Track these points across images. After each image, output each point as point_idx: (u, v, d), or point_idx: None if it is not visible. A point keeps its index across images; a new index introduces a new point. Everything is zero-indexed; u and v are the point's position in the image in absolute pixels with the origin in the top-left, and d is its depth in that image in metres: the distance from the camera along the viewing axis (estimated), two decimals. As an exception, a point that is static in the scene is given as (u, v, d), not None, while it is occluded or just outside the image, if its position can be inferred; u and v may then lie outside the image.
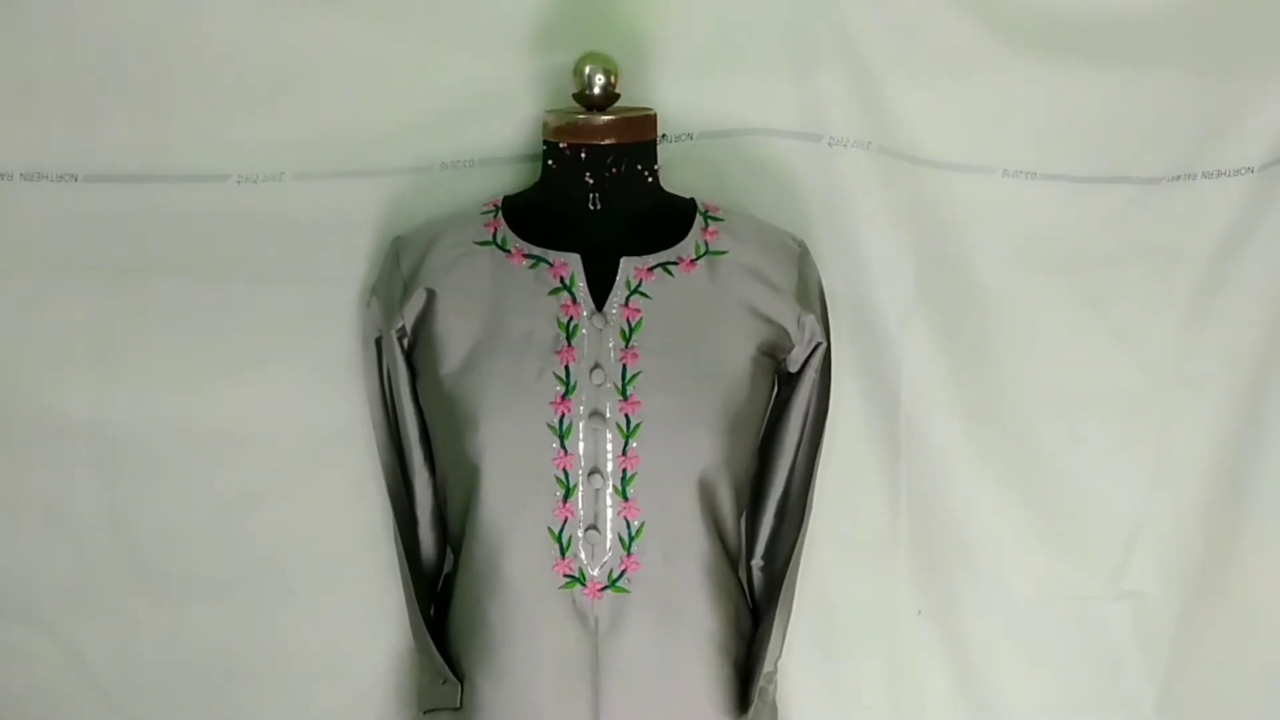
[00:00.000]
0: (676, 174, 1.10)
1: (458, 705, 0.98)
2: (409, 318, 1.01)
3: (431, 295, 1.00)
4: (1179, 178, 1.19)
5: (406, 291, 1.01)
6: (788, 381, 1.08)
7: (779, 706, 1.12)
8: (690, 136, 1.15)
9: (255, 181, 1.08)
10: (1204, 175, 1.19)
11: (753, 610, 1.08)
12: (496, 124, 1.11)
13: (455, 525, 1.02)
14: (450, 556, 1.08)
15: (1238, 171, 1.19)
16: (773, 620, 1.04)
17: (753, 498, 1.10)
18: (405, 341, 1.02)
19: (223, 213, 1.08)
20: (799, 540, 1.07)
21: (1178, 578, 1.25)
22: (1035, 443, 1.22)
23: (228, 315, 1.11)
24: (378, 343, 1.06)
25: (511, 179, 1.12)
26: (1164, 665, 1.26)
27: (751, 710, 1.00)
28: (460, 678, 0.99)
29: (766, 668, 1.03)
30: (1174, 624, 1.26)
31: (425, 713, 1.05)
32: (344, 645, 1.19)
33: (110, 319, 1.09)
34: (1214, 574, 1.25)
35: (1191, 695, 1.28)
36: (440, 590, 1.10)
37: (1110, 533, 1.24)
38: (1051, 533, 1.24)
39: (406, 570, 1.05)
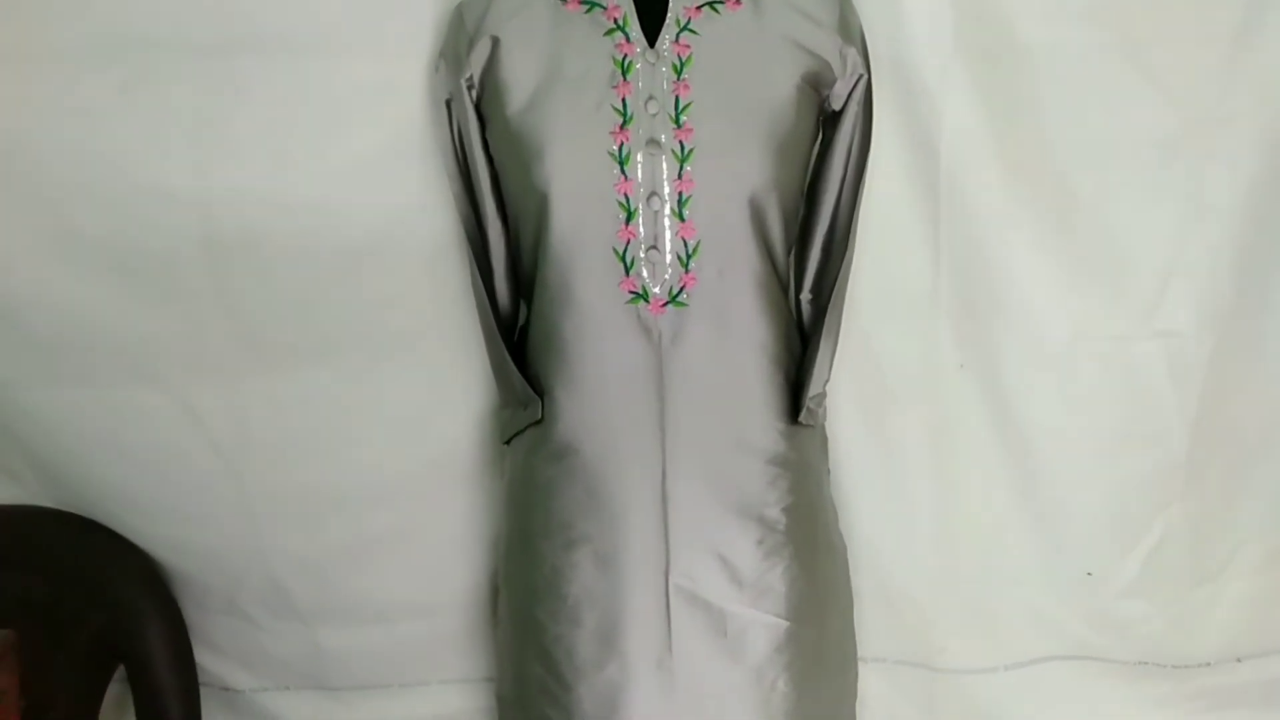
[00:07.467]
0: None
1: (539, 419, 1.09)
2: (476, 67, 1.09)
3: (496, 42, 1.08)
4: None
5: (472, 43, 1.08)
6: (831, 122, 1.14)
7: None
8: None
9: None
10: None
11: (802, 338, 1.16)
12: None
13: (528, 261, 1.11)
14: (524, 311, 1.17)
15: None
16: (819, 342, 1.13)
17: (800, 235, 1.18)
18: (473, 92, 1.10)
19: None
20: (843, 273, 1.15)
21: (1211, 317, 1.27)
22: (1072, 190, 1.25)
23: (308, 89, 1.19)
24: (448, 104, 1.13)
25: (564, -53, 1.17)
26: (1196, 403, 1.30)
27: (802, 416, 1.10)
28: (540, 394, 1.09)
29: (815, 389, 1.12)
30: (1206, 362, 1.28)
31: (507, 441, 1.17)
32: (429, 405, 1.30)
33: (202, 96, 1.18)
34: (1247, 313, 1.28)
35: (1223, 432, 1.32)
36: (515, 340, 1.19)
37: (1145, 274, 1.27)
38: (1087, 277, 1.27)
39: (486, 306, 1.14)
